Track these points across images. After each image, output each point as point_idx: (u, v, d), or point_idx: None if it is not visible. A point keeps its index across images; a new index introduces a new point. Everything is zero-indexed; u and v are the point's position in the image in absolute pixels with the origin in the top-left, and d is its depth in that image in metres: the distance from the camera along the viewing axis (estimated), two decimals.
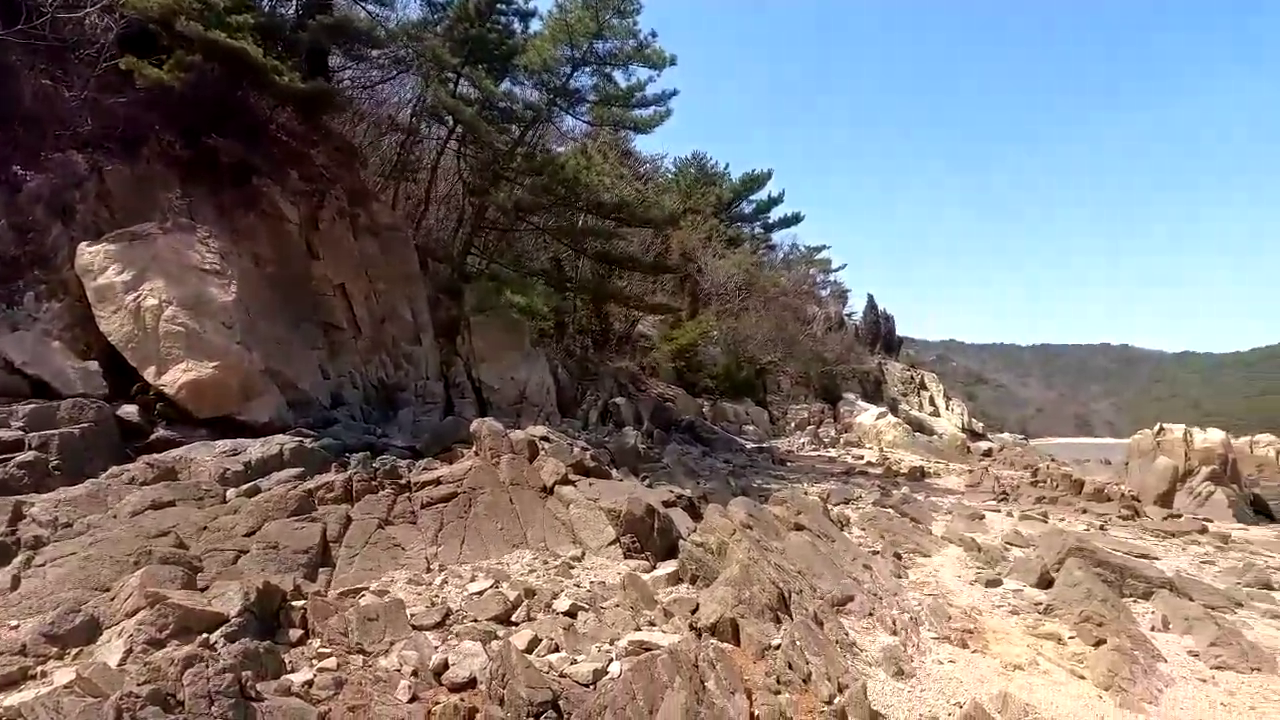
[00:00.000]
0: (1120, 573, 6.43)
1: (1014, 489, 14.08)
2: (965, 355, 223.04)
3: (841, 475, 15.31)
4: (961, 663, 4.49)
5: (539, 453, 7.89)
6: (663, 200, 24.50)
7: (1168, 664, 4.66)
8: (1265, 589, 7.49)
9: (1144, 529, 11.01)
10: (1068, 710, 3.85)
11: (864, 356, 36.67)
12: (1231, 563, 8.61)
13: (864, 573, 5.99)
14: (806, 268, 41.24)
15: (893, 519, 9.29)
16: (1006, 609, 5.73)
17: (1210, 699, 4.16)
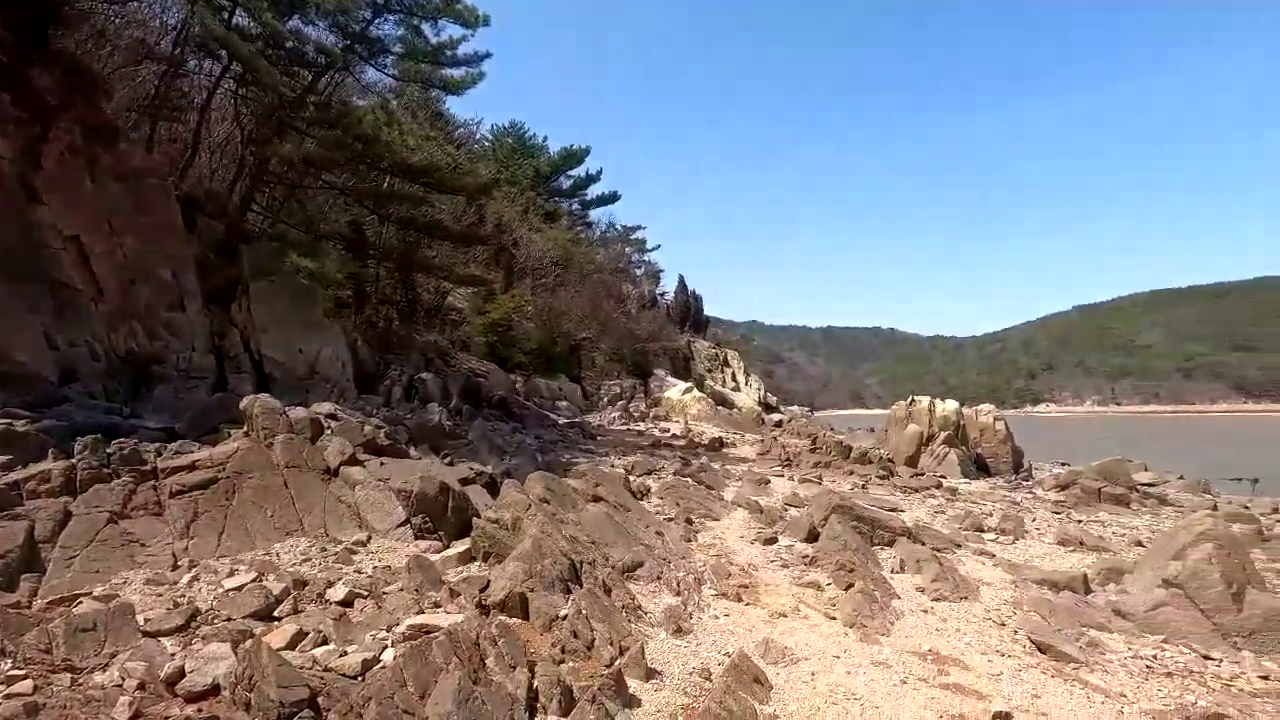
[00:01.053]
0: (872, 525, 7.36)
1: (796, 456, 15.61)
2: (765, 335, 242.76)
3: (649, 448, 15.94)
4: (735, 615, 4.86)
5: (323, 431, 7.24)
6: (477, 168, 23.60)
7: (901, 600, 5.41)
8: (978, 531, 9.01)
9: (895, 486, 12.75)
10: (818, 648, 4.32)
11: (674, 334, 38.47)
12: (957, 511, 10.25)
13: (656, 539, 6.26)
14: (622, 246, 42.20)
15: (689, 487, 9.83)
16: (779, 563, 6.31)
17: (928, 626, 4.90)
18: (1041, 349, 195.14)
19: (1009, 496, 12.77)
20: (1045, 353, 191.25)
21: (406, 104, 22.46)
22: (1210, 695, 4.01)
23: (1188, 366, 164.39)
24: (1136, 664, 4.44)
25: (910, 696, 3.71)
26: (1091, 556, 7.98)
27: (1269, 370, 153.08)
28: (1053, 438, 52.60)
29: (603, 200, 42.59)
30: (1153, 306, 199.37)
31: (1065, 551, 8.38)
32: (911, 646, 4.47)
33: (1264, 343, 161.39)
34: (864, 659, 4.18)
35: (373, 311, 19.35)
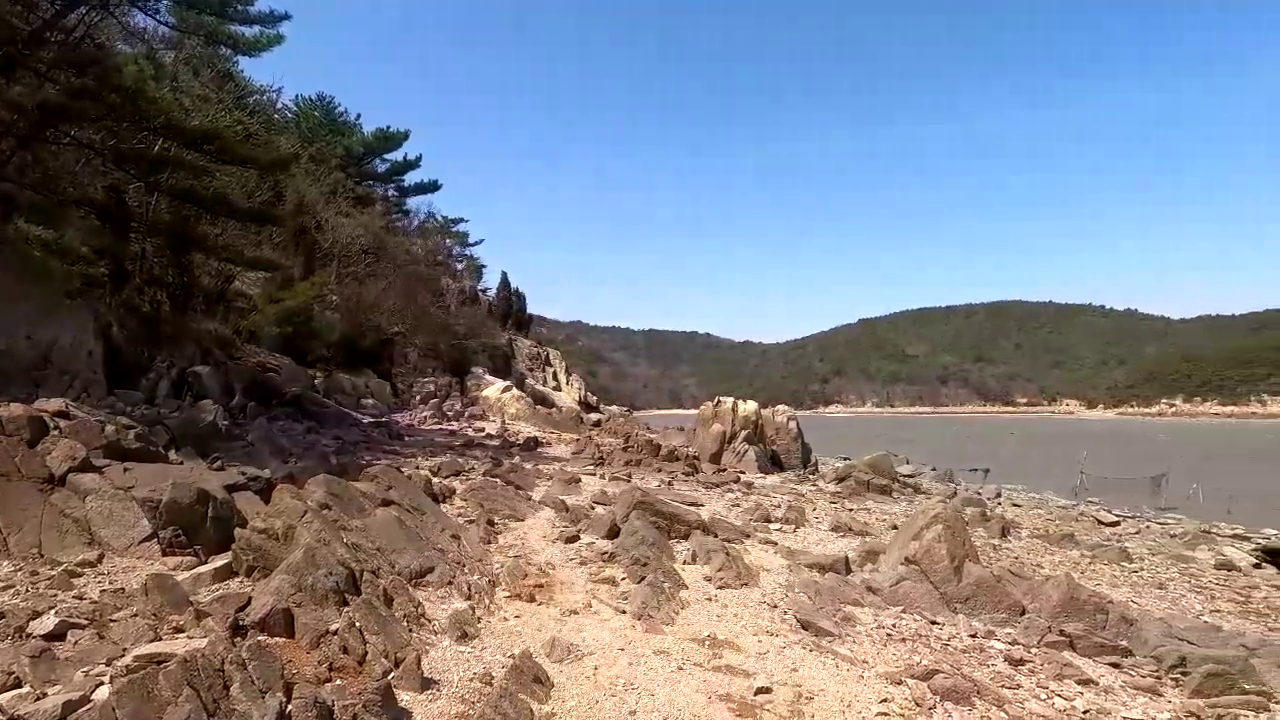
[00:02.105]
0: (670, 519, 7.69)
1: (610, 455, 15.93)
2: (590, 336, 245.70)
3: (460, 448, 15.39)
4: (527, 616, 4.80)
5: (47, 432, 6.07)
6: (276, 140, 21.32)
7: (689, 590, 5.69)
8: (766, 521, 9.79)
9: (699, 482, 13.48)
10: (605, 642, 4.39)
11: (495, 332, 37.66)
12: (750, 504, 11.06)
13: (451, 543, 6.02)
14: (442, 238, 40.49)
15: (497, 488, 9.62)
16: (577, 561, 6.37)
17: (711, 613, 5.20)
18: (833, 356, 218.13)
19: (796, 489, 14.04)
20: (836, 359, 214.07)
21: (186, 59, 19.68)
22: (932, 655, 4.66)
23: (943, 374, 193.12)
24: (879, 633, 5.06)
25: (685, 681, 3.89)
26: (857, 540, 9.01)
27: (999, 378, 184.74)
28: (839, 435, 58.90)
29: (422, 188, 40.55)
30: (919, 322, 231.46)
31: (837, 537, 9.39)
32: (693, 634, 4.70)
33: (997, 355, 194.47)
34: (647, 649, 4.32)
35: (136, 294, 16.65)
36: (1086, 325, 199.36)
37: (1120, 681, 4.52)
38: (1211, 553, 11.10)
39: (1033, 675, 4.44)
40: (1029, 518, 14.00)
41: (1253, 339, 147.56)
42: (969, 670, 4.35)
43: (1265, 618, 7.43)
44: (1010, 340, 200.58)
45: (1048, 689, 4.25)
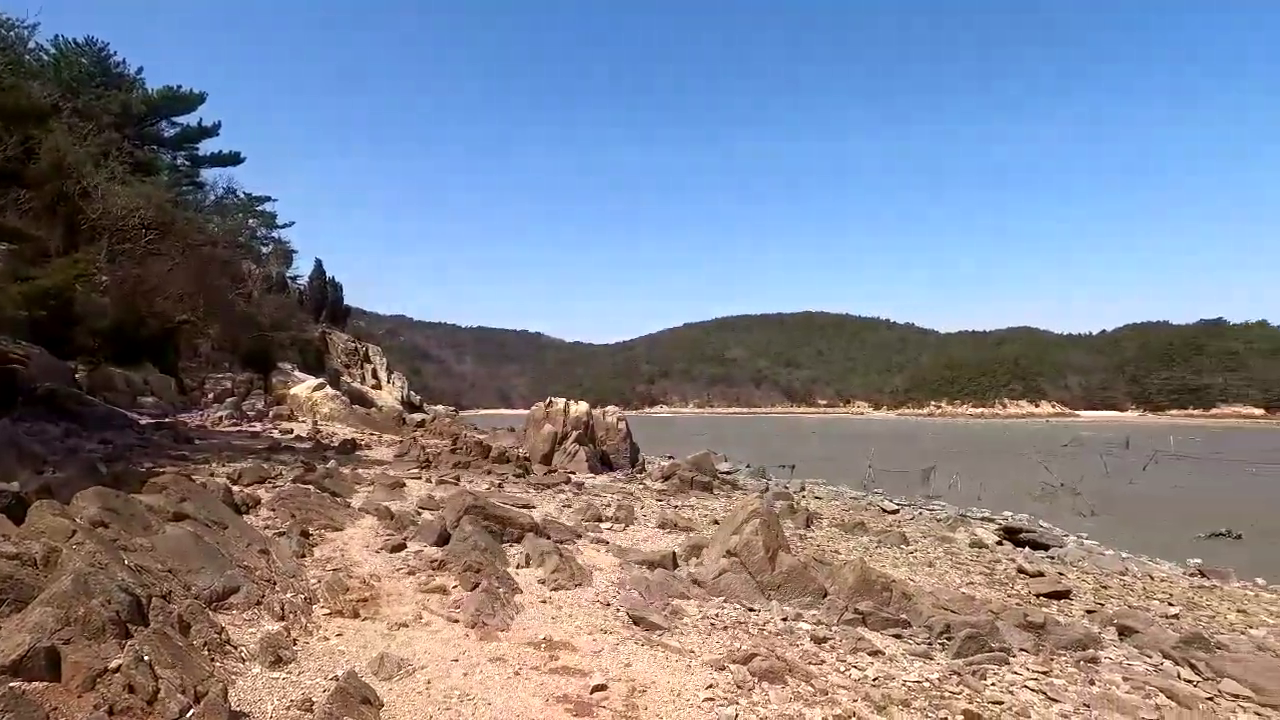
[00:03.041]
0: (503, 523, 7.58)
1: (436, 457, 15.31)
2: (414, 331, 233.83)
3: (264, 452, 13.95)
4: (350, 634, 4.50)
5: None
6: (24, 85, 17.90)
7: (523, 594, 5.66)
8: (597, 521, 9.98)
9: (530, 483, 13.39)
10: (437, 654, 4.25)
11: (307, 324, 34.58)
12: (581, 504, 11.19)
13: (259, 559, 5.46)
14: (245, 218, 36.35)
15: (311, 495, 8.85)
16: (405, 571, 6.07)
17: (546, 616, 5.23)
18: (660, 358, 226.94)
19: (625, 488, 14.45)
20: (662, 361, 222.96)
21: None
22: (751, 640, 5.07)
23: (758, 377, 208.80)
24: (705, 623, 5.39)
25: (522, 686, 3.89)
26: (683, 536, 9.48)
27: (804, 381, 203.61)
28: (665, 435, 61.40)
29: (221, 160, 36.00)
30: (738, 328, 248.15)
31: (664, 534, 9.81)
32: (528, 638, 4.70)
33: (803, 361, 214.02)
34: (482, 658, 4.25)
35: None
36: (876, 336, 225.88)
37: (902, 650, 5.22)
38: (967, 533, 13.12)
39: (833, 651, 4.99)
40: (828, 509, 15.61)
41: (997, 351, 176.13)
42: (782, 651, 4.79)
43: (1005, 586, 8.95)
44: (814, 347, 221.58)
45: (845, 662, 4.80)
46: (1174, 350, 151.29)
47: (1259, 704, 4.83)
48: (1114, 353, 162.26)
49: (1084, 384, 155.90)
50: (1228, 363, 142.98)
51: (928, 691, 4.33)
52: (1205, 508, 19.74)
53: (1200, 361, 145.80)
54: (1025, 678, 4.82)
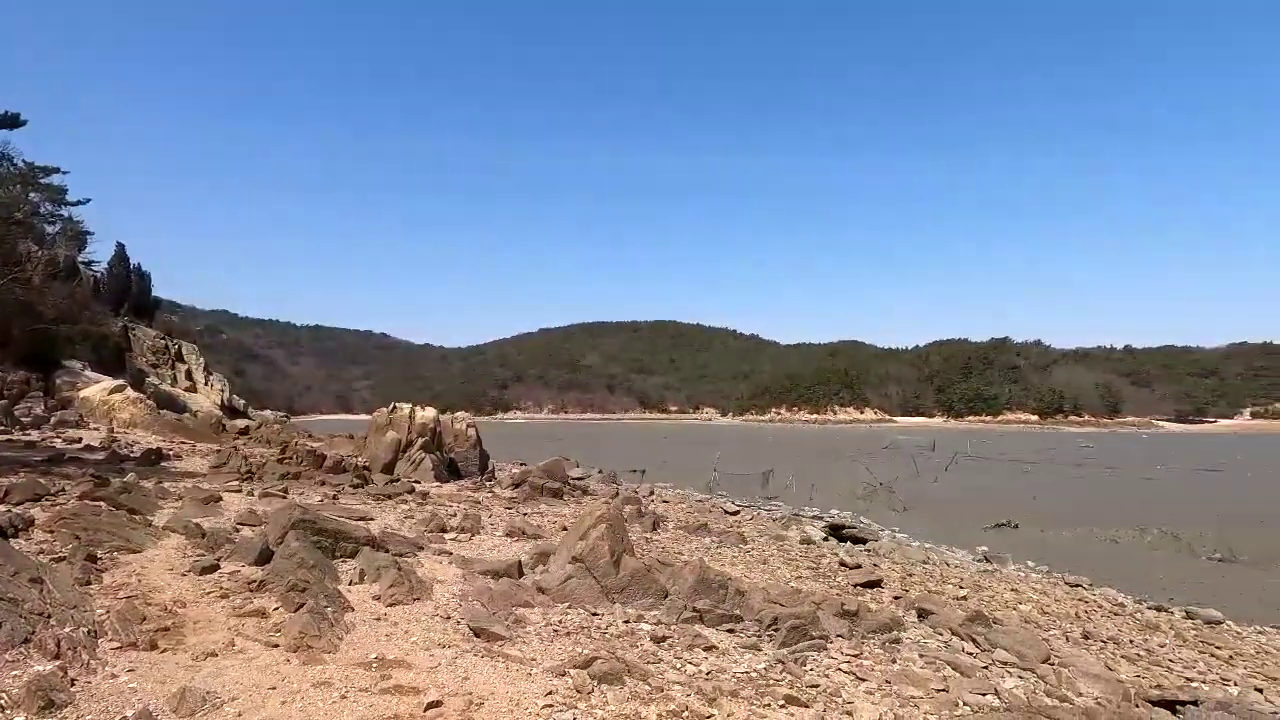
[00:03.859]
0: (335, 537, 7.09)
1: (261, 467, 14.00)
2: (239, 328, 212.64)
3: (41, 464, 12.04)
4: (145, 668, 4.00)
5: None
6: None
7: (355, 612, 5.34)
8: (441, 531, 9.63)
9: (369, 494, 12.65)
10: (252, 683, 3.89)
11: (104, 317, 30.25)
12: (425, 514, 10.74)
13: (30, 589, 4.70)
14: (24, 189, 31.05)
15: (101, 513, 7.76)
16: (217, 594, 5.50)
17: (379, 633, 4.96)
18: (514, 363, 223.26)
19: (473, 496, 14.07)
20: (517, 366, 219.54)
21: None
22: (593, 643, 5.13)
23: (612, 383, 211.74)
24: (548, 630, 5.39)
25: (349, 710, 3.66)
26: (530, 544, 9.39)
27: (657, 388, 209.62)
28: (517, 441, 60.43)
29: None
30: (594, 334, 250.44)
31: (512, 542, 9.67)
32: (359, 658, 4.43)
33: (656, 368, 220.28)
34: (304, 683, 3.95)
35: None
36: (724, 345, 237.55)
37: (734, 644, 5.54)
38: (798, 531, 14.14)
39: (671, 649, 5.19)
40: (675, 511, 16.16)
41: (830, 362, 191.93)
42: (622, 653, 4.90)
43: (828, 578, 9.76)
44: (667, 355, 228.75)
45: (682, 659, 5.00)
46: (971, 364, 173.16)
47: (1021, 668, 5.67)
48: (924, 365, 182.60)
49: (901, 393, 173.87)
50: (1011, 375, 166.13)
51: (754, 681, 4.63)
52: (991, 501, 22.79)
53: (990, 374, 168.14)
54: (839, 661, 5.30)
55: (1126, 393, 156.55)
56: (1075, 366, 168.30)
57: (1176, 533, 16.65)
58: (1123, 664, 6.85)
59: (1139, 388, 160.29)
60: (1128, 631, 8.31)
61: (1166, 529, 17.13)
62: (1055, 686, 5.28)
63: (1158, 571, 12.94)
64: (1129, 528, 17.57)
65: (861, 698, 4.57)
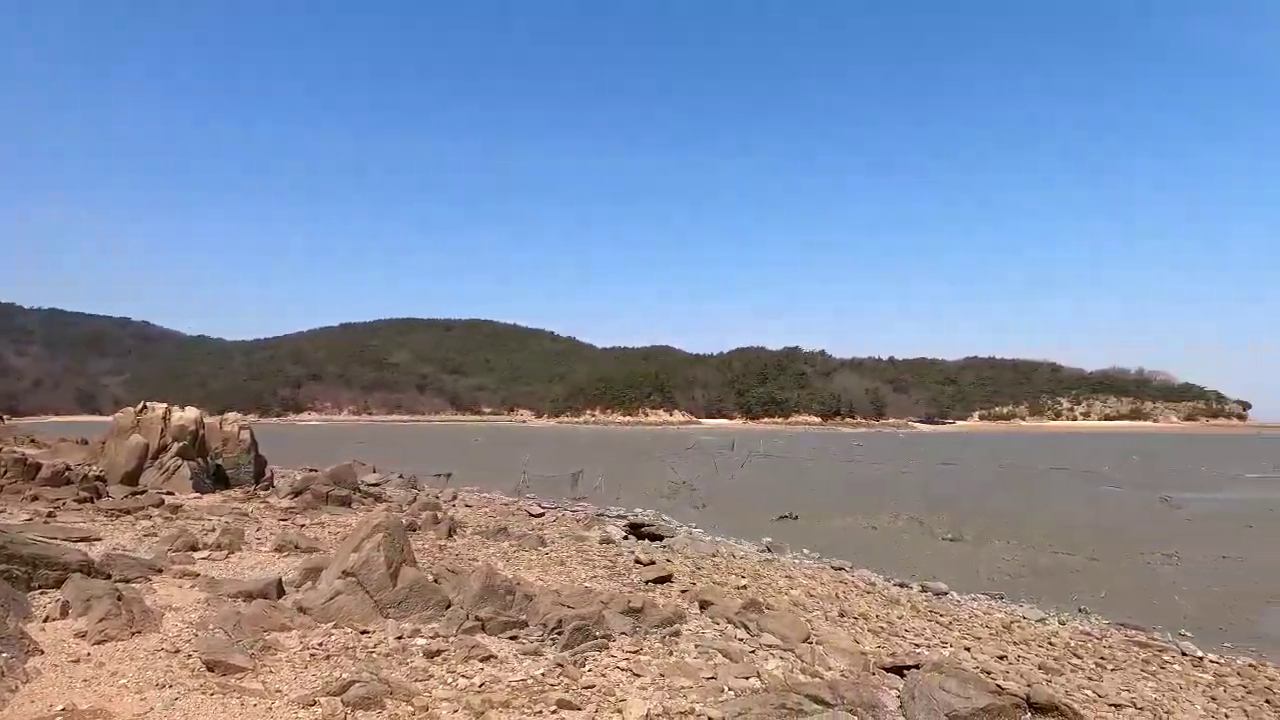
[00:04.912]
0: (33, 564, 5.81)
1: None
2: None
3: None
4: None
5: None
6: None
7: (46, 655, 4.37)
8: (190, 550, 8.36)
9: (101, 510, 10.70)
10: None
11: None
12: (172, 531, 9.27)
13: None
14: None
15: None
16: None
17: (76, 677, 4.10)
18: (311, 360, 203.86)
19: (240, 508, 12.48)
20: (314, 363, 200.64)
21: None
22: (355, 665, 4.67)
23: (423, 383, 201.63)
24: (304, 655, 4.82)
25: None
26: (302, 559, 8.47)
27: (470, 389, 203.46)
28: (310, 445, 55.18)
29: None
30: (404, 331, 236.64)
31: (280, 558, 8.66)
32: (40, 711, 3.62)
33: (470, 368, 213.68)
34: None
35: None
36: (540, 347, 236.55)
37: (515, 651, 5.36)
38: (600, 531, 14.33)
39: (445, 663, 4.88)
40: (477, 516, 15.64)
41: (643, 366, 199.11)
42: (388, 673, 4.51)
43: (623, 576, 9.94)
44: (482, 355, 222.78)
45: (455, 672, 4.73)
46: (767, 370, 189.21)
47: (784, 649, 6.14)
48: (727, 370, 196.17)
49: (706, 396, 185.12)
50: (800, 381, 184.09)
51: (529, 689, 4.49)
52: (778, 496, 24.92)
53: (783, 380, 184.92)
54: (619, 659, 5.34)
55: (889, 397, 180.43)
56: (851, 374, 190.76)
57: (921, 518, 19.36)
58: (868, 637, 7.72)
59: (899, 393, 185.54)
60: (875, 607, 9.42)
61: (914, 515, 19.86)
62: (810, 664, 5.77)
63: (905, 553, 14.90)
64: (886, 514, 20.12)
65: (635, 693, 4.62)
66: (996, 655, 7.47)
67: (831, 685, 4.78)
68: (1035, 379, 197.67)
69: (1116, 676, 7.13)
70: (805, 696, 4.48)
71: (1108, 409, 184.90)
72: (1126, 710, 6.11)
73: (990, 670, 6.67)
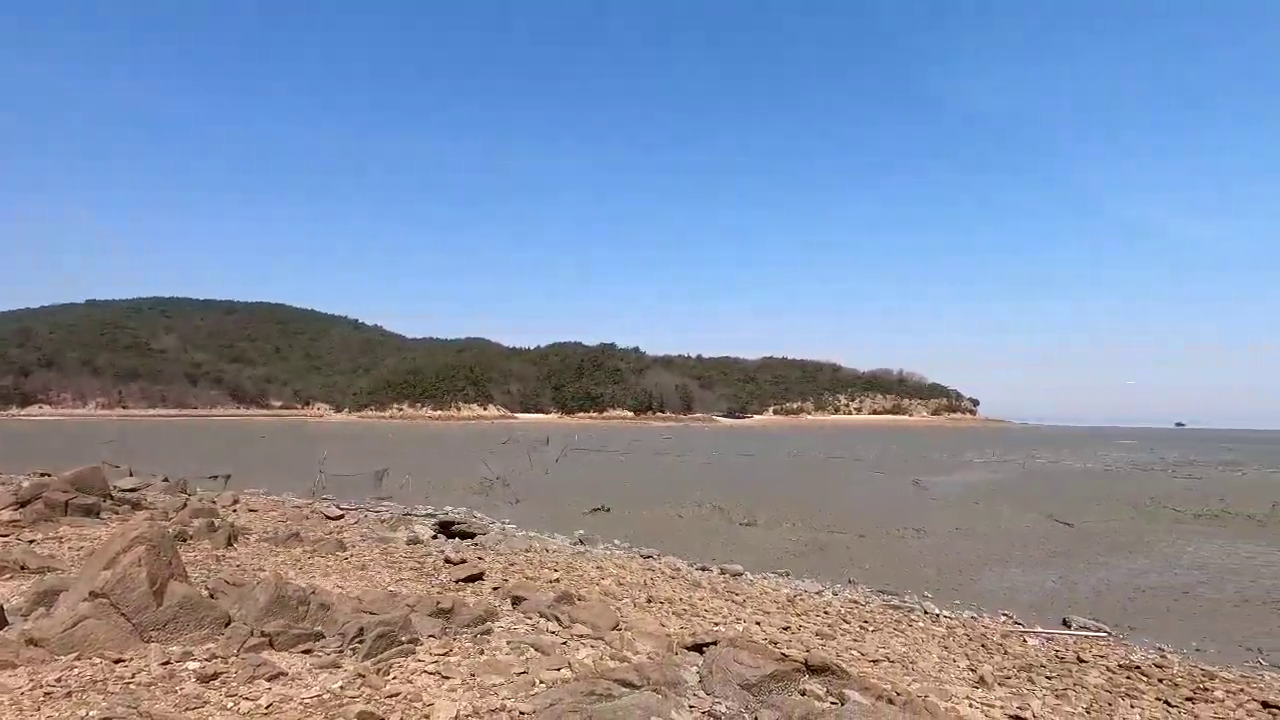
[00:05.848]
0: None
1: None
2: None
3: None
4: None
5: None
6: None
7: None
8: None
9: None
10: None
11: None
12: None
13: None
14: None
15: None
16: None
17: None
18: (46, 342, 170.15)
19: None
20: (50, 347, 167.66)
21: None
22: (105, 701, 4.02)
23: (196, 373, 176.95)
24: (32, 696, 4.05)
25: None
26: (33, 580, 7.11)
27: (257, 380, 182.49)
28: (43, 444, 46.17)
29: None
30: (170, 312, 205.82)
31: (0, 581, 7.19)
32: None
33: (256, 357, 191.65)
34: None
35: None
36: (342, 336, 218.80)
37: (309, 665, 4.94)
38: (407, 531, 13.65)
39: (223, 686, 4.38)
40: (264, 521, 14.13)
41: (458, 359, 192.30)
42: (150, 705, 3.94)
43: (431, 577, 9.57)
44: (271, 343, 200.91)
45: (237, 695, 4.25)
46: (583, 366, 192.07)
47: (594, 638, 6.31)
48: (543, 365, 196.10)
49: (522, 390, 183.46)
50: (614, 377, 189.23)
51: (326, 704, 4.18)
52: (592, 489, 25.43)
53: (599, 375, 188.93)
54: (427, 663, 5.14)
55: (696, 393, 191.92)
56: (662, 371, 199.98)
57: (722, 506, 20.84)
58: (673, 619, 8.19)
59: (705, 389, 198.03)
60: (680, 591, 10.01)
61: (716, 504, 21.32)
62: (619, 650, 5.99)
63: (707, 539, 15.96)
64: (691, 504, 21.39)
65: (443, 696, 4.49)
66: (781, 627, 8.30)
67: (638, 668, 5.01)
68: (819, 378, 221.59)
69: (875, 636, 8.26)
70: (614, 681, 4.66)
71: (875, 405, 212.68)
72: (882, 664, 7.12)
73: (776, 640, 7.41)
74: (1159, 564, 13.52)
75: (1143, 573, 12.78)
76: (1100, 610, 10.22)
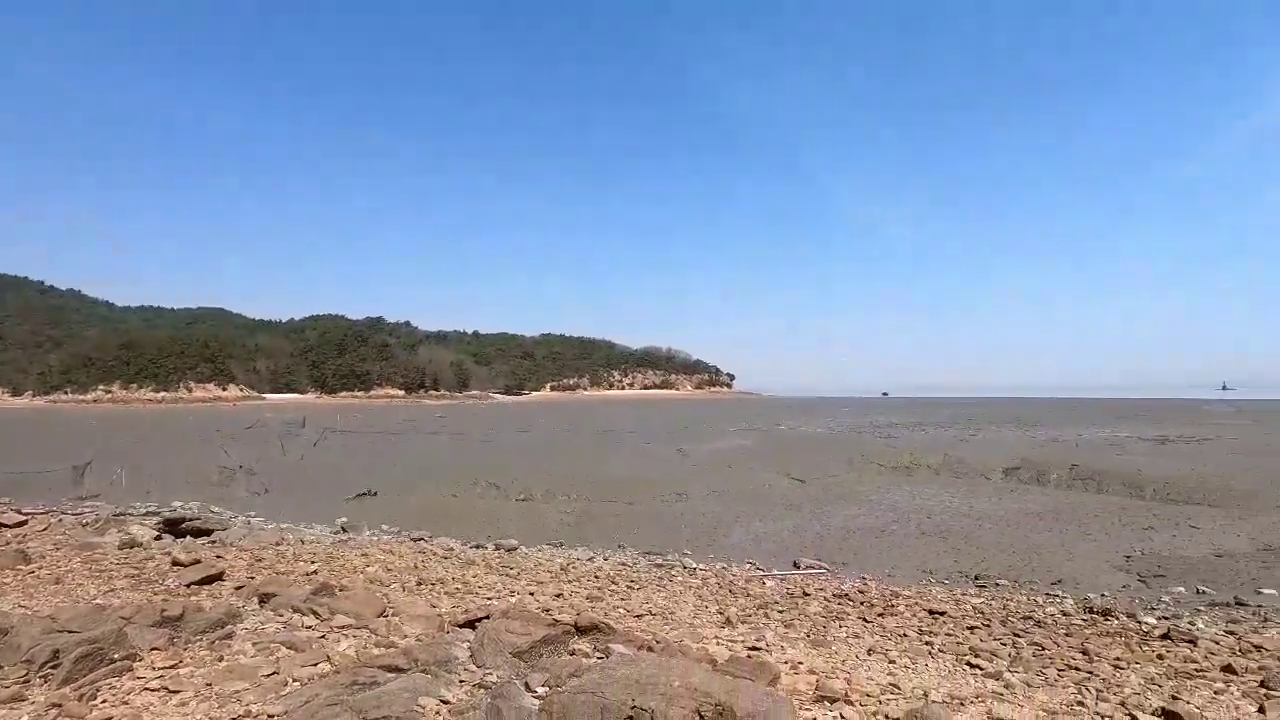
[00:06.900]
0: None
1: None
2: None
3: None
4: None
5: None
6: None
7: None
8: None
9: None
10: None
11: None
12: None
13: None
14: None
15: None
16: None
17: None
18: None
19: None
20: None
21: None
22: None
23: None
24: None
25: None
26: None
27: None
28: None
29: None
30: None
31: None
32: None
33: None
34: None
35: None
36: (22, 302, 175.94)
37: None
38: (120, 534, 11.59)
39: None
40: None
41: (187, 331, 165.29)
42: None
43: (154, 583, 8.27)
44: None
45: None
46: (346, 341, 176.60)
47: (358, 627, 5.97)
48: (299, 339, 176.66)
49: (272, 368, 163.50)
50: (383, 353, 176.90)
51: None
52: (357, 473, 23.68)
53: (365, 351, 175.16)
54: (149, 679, 4.47)
55: (473, 370, 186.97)
56: (436, 347, 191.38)
57: (498, 483, 20.71)
58: (445, 599, 8.04)
59: (481, 366, 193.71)
60: (453, 570, 9.82)
61: (492, 481, 21.12)
62: (386, 636, 5.75)
63: (483, 516, 15.79)
64: (466, 482, 20.94)
65: (171, 714, 3.96)
66: (554, 594, 8.57)
67: (406, 651, 4.87)
68: (595, 355, 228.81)
69: (641, 594, 8.90)
70: (379, 668, 4.48)
71: (646, 380, 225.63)
72: (645, 618, 7.70)
73: (549, 608, 7.64)
74: (865, 509, 16.30)
75: (854, 517, 15.33)
76: (822, 551, 12.09)
